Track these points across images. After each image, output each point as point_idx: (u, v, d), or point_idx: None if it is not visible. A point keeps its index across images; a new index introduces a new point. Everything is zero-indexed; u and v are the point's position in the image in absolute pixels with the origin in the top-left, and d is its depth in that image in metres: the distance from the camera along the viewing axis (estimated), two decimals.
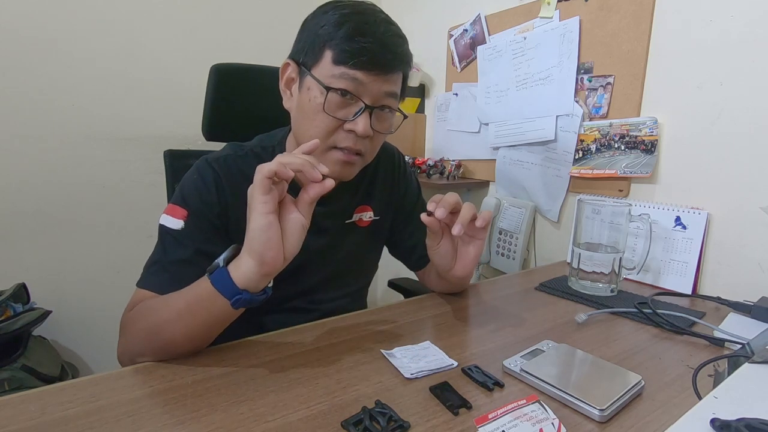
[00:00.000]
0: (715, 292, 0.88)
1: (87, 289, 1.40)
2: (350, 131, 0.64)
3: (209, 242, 0.66)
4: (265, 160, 0.72)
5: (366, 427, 0.43)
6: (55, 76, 1.28)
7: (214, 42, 1.51)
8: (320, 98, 0.62)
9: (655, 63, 0.97)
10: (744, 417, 0.32)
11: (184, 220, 0.65)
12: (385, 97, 0.65)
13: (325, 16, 0.63)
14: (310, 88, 0.64)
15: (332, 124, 0.64)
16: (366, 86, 0.62)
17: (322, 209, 0.76)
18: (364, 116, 0.63)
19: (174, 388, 0.50)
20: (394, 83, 0.65)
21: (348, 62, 0.60)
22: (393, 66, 0.63)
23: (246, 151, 0.73)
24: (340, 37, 0.61)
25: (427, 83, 1.61)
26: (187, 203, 0.66)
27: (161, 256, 0.64)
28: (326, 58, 0.62)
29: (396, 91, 0.66)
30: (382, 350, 0.60)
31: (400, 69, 0.66)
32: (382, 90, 0.63)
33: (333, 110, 0.63)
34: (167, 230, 0.65)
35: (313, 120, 0.64)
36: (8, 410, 0.45)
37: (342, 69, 0.61)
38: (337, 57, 0.61)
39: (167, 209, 0.66)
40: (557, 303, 0.83)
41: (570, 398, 0.49)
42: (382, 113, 0.67)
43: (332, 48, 0.61)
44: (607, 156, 1.05)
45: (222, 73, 0.93)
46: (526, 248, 1.27)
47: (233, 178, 0.69)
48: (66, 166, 1.33)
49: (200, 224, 0.66)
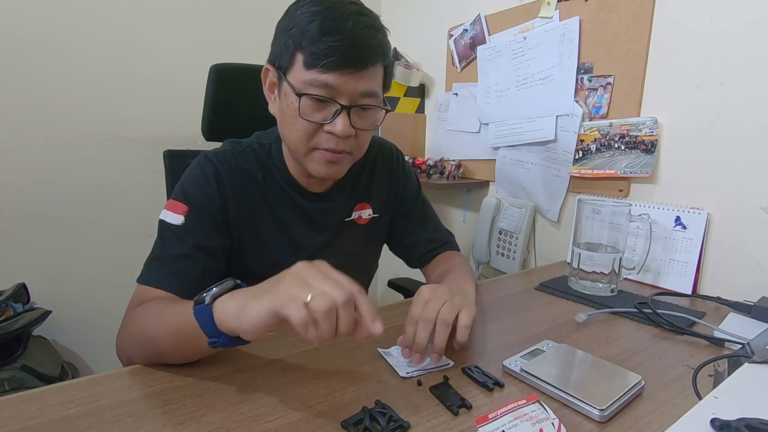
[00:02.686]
0: (715, 292, 0.88)
1: (87, 289, 1.40)
2: (330, 133, 0.63)
3: (208, 237, 0.66)
4: (264, 156, 0.74)
5: (366, 427, 0.43)
6: (55, 76, 1.28)
7: (214, 42, 1.51)
8: (296, 104, 0.61)
9: (655, 63, 0.97)
10: (744, 417, 0.32)
11: (185, 215, 0.65)
12: (362, 96, 0.62)
13: (295, 15, 0.61)
14: (287, 93, 0.63)
15: (311, 128, 0.63)
16: (339, 88, 0.60)
17: (321, 206, 0.77)
18: (342, 117, 0.62)
19: (174, 388, 0.50)
20: (369, 79, 0.62)
21: (317, 65, 0.59)
22: (366, 62, 0.60)
23: (244, 147, 0.74)
24: (308, 39, 0.59)
25: (427, 83, 1.61)
26: (187, 198, 0.66)
27: (160, 251, 0.64)
28: (298, 62, 0.61)
29: (373, 88, 0.63)
30: (378, 349, 0.60)
31: (376, 62, 0.62)
32: (357, 89, 0.61)
33: (309, 115, 0.62)
34: (167, 225, 0.65)
35: (293, 125, 0.64)
36: (8, 410, 0.45)
37: (313, 74, 0.59)
38: (307, 60, 0.59)
39: (167, 205, 0.67)
40: (557, 303, 0.83)
41: (570, 398, 0.49)
42: (363, 111, 0.65)
43: (302, 51, 0.60)
44: (607, 156, 1.05)
45: (222, 73, 0.93)
46: (526, 248, 1.27)
47: (232, 173, 0.70)
48: (66, 166, 1.33)
49: (201, 219, 0.66)
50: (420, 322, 0.55)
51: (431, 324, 0.55)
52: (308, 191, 0.75)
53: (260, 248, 0.73)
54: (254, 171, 0.72)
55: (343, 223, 0.80)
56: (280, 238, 0.74)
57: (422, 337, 0.55)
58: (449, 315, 0.55)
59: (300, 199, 0.75)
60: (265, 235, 0.73)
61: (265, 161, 0.73)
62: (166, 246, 0.64)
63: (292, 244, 0.75)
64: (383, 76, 0.66)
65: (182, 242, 0.64)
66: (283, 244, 0.74)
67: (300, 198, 0.75)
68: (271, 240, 0.73)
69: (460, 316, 0.56)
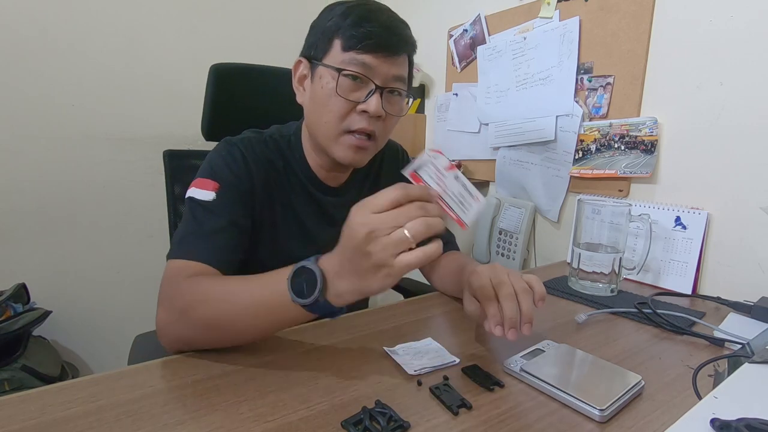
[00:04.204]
0: (715, 292, 0.88)
1: (87, 289, 1.40)
2: (363, 112, 0.66)
3: (239, 214, 0.67)
4: (284, 147, 0.76)
5: (366, 427, 0.43)
6: (55, 76, 1.28)
7: (214, 42, 1.51)
8: (332, 83, 0.65)
9: (655, 63, 0.97)
10: (744, 417, 0.32)
11: (216, 191, 0.66)
12: (393, 80, 0.67)
13: (331, 12, 0.67)
14: (322, 76, 0.67)
15: (345, 107, 0.66)
16: (375, 69, 0.65)
17: (334, 200, 0.78)
18: (376, 96, 0.65)
19: (174, 388, 0.50)
20: (401, 66, 0.68)
21: (356, 46, 0.63)
22: (399, 48, 0.66)
23: (266, 136, 0.76)
24: (347, 25, 0.64)
25: (427, 83, 1.61)
26: (217, 176, 0.67)
27: (195, 227, 0.64)
28: (336, 47, 0.65)
29: (403, 74, 0.69)
30: (384, 347, 0.60)
31: (406, 51, 0.68)
32: (390, 72, 0.66)
33: (346, 93, 0.65)
34: (198, 202, 0.65)
35: (327, 105, 0.67)
36: (8, 410, 0.45)
37: (351, 54, 0.64)
38: (346, 43, 0.64)
39: (195, 183, 0.67)
40: (557, 303, 0.83)
41: (570, 398, 0.49)
42: (392, 96, 0.69)
43: (340, 36, 0.65)
44: (607, 156, 1.05)
45: (222, 73, 0.93)
46: (526, 248, 1.27)
47: (257, 159, 0.72)
48: (66, 166, 1.33)
49: (232, 196, 0.67)
50: (503, 298, 0.56)
51: (514, 298, 0.56)
52: (324, 184, 0.77)
53: (273, 236, 0.74)
54: (276, 160, 0.74)
55: None
56: (293, 228, 0.75)
57: (514, 310, 0.55)
58: (524, 284, 0.58)
59: (315, 192, 0.76)
60: (279, 224, 0.74)
61: (285, 151, 0.75)
62: (200, 221, 0.64)
63: (304, 235, 0.76)
64: (408, 69, 0.72)
65: (218, 217, 0.65)
66: (296, 234, 0.75)
67: (315, 191, 0.76)
68: (284, 229, 0.74)
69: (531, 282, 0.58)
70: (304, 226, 0.76)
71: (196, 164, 0.75)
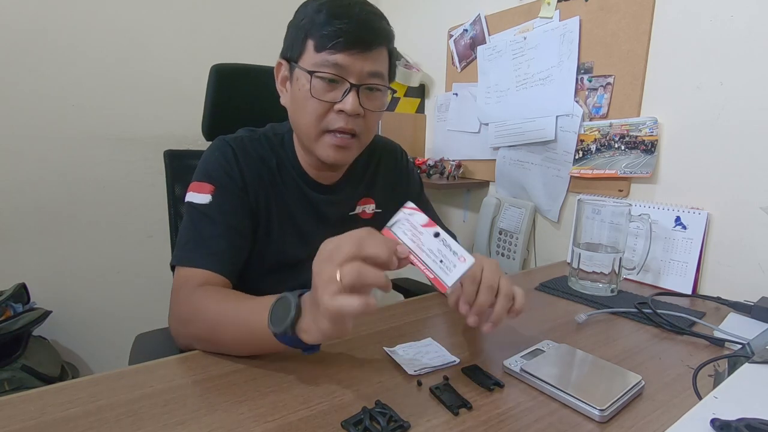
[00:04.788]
0: (715, 292, 0.88)
1: (87, 289, 1.40)
2: (340, 111, 0.65)
3: (236, 216, 0.68)
4: (277, 145, 0.76)
5: (366, 427, 0.43)
6: (55, 76, 1.28)
7: (214, 42, 1.51)
8: (307, 85, 0.65)
9: (655, 63, 0.97)
10: (744, 417, 0.32)
11: (211, 194, 0.67)
12: (369, 76, 0.65)
13: (304, 10, 0.66)
14: (298, 78, 0.66)
15: (322, 108, 0.66)
16: (348, 67, 0.63)
17: (327, 198, 0.78)
18: (352, 95, 0.65)
19: (174, 388, 0.50)
20: (376, 60, 0.66)
21: (327, 46, 0.62)
22: (372, 42, 0.64)
23: (259, 135, 0.76)
24: (318, 24, 0.63)
25: (427, 83, 1.61)
26: (212, 178, 0.68)
27: (193, 233, 0.66)
28: (309, 48, 0.65)
29: (380, 69, 0.67)
30: (384, 348, 0.60)
31: (381, 45, 0.66)
32: (365, 69, 0.64)
33: (320, 94, 0.65)
34: (195, 206, 0.66)
35: (305, 107, 0.66)
36: (8, 410, 0.45)
37: (323, 55, 0.63)
38: (318, 43, 0.63)
39: (192, 187, 0.68)
40: (557, 303, 0.83)
41: (570, 398, 0.49)
42: (370, 92, 0.68)
43: (312, 37, 0.64)
44: (607, 156, 1.05)
45: (222, 73, 0.93)
46: (526, 248, 1.27)
47: (250, 158, 0.72)
48: (66, 165, 1.33)
49: (227, 197, 0.68)
50: (483, 287, 0.57)
51: (493, 291, 0.57)
52: (317, 183, 0.77)
53: (269, 234, 0.74)
54: (268, 158, 0.74)
55: (347, 217, 0.81)
56: (287, 225, 0.75)
57: (485, 301, 0.56)
58: (510, 289, 0.58)
59: (308, 190, 0.76)
60: (274, 222, 0.74)
61: (278, 150, 0.76)
62: (198, 227, 0.65)
63: (298, 232, 0.76)
64: (388, 62, 0.70)
65: (214, 222, 0.66)
66: (290, 232, 0.76)
67: (308, 189, 0.76)
68: (279, 227, 0.74)
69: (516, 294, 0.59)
70: (297, 223, 0.76)
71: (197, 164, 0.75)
